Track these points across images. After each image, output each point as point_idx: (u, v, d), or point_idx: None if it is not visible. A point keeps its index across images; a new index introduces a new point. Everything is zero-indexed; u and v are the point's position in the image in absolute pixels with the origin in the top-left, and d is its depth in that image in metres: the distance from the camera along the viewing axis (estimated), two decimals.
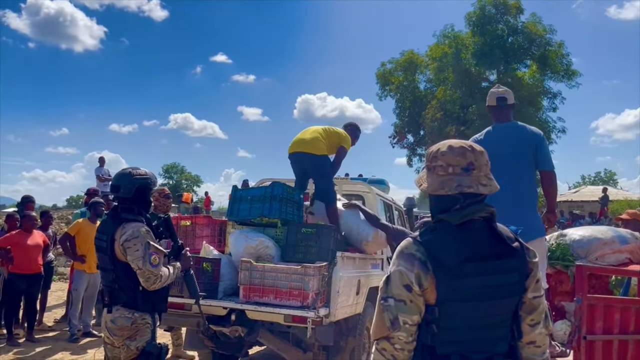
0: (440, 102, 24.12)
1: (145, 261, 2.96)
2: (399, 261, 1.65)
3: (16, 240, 6.56)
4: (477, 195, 1.69)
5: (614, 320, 2.84)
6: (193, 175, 59.60)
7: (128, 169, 3.24)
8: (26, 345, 6.47)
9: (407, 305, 1.60)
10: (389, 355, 1.62)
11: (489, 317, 1.65)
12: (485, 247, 1.65)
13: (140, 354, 3.04)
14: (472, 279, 1.61)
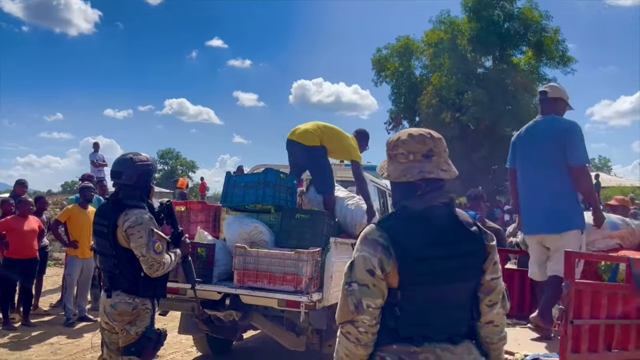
0: (435, 88, 24.08)
1: (149, 248, 2.97)
2: (363, 247, 1.70)
3: (12, 225, 6.58)
4: (438, 181, 1.76)
5: (601, 306, 2.89)
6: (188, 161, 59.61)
7: (129, 154, 3.21)
8: (22, 330, 6.52)
9: (371, 290, 1.65)
10: (353, 338, 1.67)
11: (449, 299, 1.72)
12: (446, 232, 1.72)
13: (139, 339, 3.07)
14: (433, 263, 1.67)
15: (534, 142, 3.74)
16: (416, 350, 1.66)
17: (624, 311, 2.99)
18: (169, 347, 6.03)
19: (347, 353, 1.70)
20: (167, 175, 53.69)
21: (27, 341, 6.07)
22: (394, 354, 1.67)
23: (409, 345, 1.67)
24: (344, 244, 4.86)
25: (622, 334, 3.00)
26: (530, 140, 3.78)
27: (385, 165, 1.83)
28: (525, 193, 3.79)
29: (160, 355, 5.69)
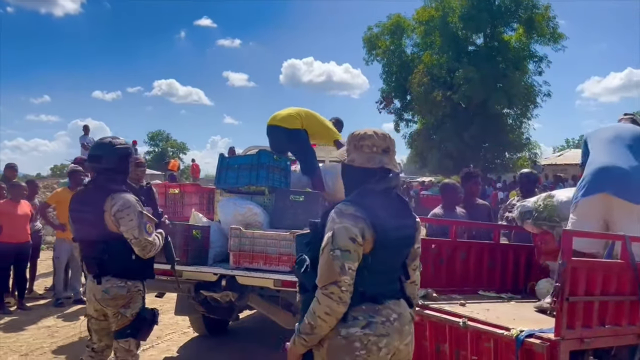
0: (427, 66, 24.01)
1: (141, 230, 3.00)
2: (342, 220, 1.99)
3: (4, 209, 6.54)
4: (388, 172, 2.13)
5: (596, 282, 2.93)
6: (179, 142, 59.20)
7: (107, 138, 3.21)
8: (18, 314, 6.52)
9: (351, 254, 1.96)
10: (336, 297, 1.94)
11: (396, 263, 2.15)
12: (398, 209, 2.15)
13: (134, 320, 3.10)
14: (394, 232, 2.05)
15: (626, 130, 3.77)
16: (379, 307, 2.04)
17: (618, 288, 3.03)
18: (165, 328, 6.07)
19: (329, 312, 1.95)
20: (158, 157, 53.35)
21: (23, 325, 6.08)
22: (364, 312, 2.01)
23: (373, 304, 2.03)
24: None
25: (615, 310, 3.04)
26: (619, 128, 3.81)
27: (344, 152, 2.18)
28: (617, 155, 3.60)
29: (158, 337, 5.72)
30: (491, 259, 4.36)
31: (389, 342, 2.02)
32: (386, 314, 2.03)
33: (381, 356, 2.01)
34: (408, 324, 2.12)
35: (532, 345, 2.78)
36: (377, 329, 2.00)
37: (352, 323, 1.99)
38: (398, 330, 2.05)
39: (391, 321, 2.03)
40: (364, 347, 1.98)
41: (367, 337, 1.98)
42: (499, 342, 2.99)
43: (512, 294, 4.24)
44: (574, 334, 2.79)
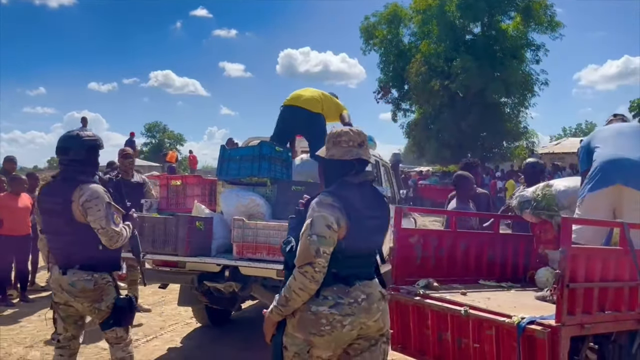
0: (424, 55, 23.93)
1: (108, 220, 3.03)
2: (321, 209, 2.25)
3: (5, 202, 6.56)
4: (365, 163, 2.43)
5: (596, 269, 2.98)
6: (176, 134, 58.97)
7: (75, 131, 3.24)
8: (20, 306, 6.57)
9: (327, 240, 2.22)
10: (310, 276, 2.21)
11: (370, 248, 2.42)
12: (372, 200, 2.41)
13: (112, 310, 3.14)
14: (367, 221, 2.33)
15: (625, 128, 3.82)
16: (349, 290, 2.29)
17: (617, 274, 3.08)
18: (168, 319, 6.13)
19: (302, 287, 2.22)
20: (155, 148, 53.16)
21: (26, 317, 6.12)
22: (333, 293, 2.27)
23: (344, 286, 2.29)
24: None
25: (614, 296, 3.10)
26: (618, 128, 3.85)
27: (325, 150, 2.44)
28: (623, 147, 3.63)
29: (161, 327, 5.78)
30: (491, 249, 4.41)
31: (353, 320, 2.28)
32: (355, 295, 2.29)
33: (344, 332, 2.28)
34: (377, 302, 2.35)
35: (533, 332, 2.83)
36: (343, 309, 2.26)
37: (322, 302, 2.26)
38: (365, 309, 2.31)
39: (359, 302, 2.29)
40: (329, 323, 2.25)
41: (332, 316, 2.25)
42: (500, 329, 3.05)
43: (511, 282, 4.30)
44: (574, 320, 2.85)
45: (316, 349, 2.28)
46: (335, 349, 2.30)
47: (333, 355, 2.32)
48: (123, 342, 3.23)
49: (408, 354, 3.92)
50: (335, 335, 2.26)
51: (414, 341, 3.72)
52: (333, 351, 2.30)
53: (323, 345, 2.27)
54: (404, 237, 3.98)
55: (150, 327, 5.78)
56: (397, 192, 7.71)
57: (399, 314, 3.80)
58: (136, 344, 5.19)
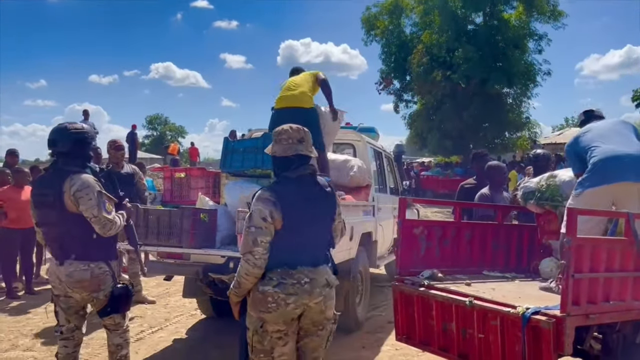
0: (426, 46, 23.78)
1: (100, 209, 3.06)
2: (258, 203, 2.56)
3: (9, 195, 6.58)
4: (306, 158, 2.67)
5: (601, 259, 2.99)
6: (177, 126, 58.95)
7: (64, 123, 3.28)
8: (26, 298, 6.61)
9: (263, 230, 2.52)
10: (252, 263, 2.53)
11: (314, 237, 2.66)
12: (311, 192, 2.65)
13: (110, 299, 3.18)
14: (305, 212, 2.59)
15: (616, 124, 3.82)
16: (293, 272, 2.57)
17: (621, 264, 3.09)
18: (173, 310, 6.16)
19: (247, 272, 2.56)
20: (157, 141, 53.19)
21: (32, 309, 6.16)
22: (277, 275, 2.56)
23: (288, 269, 2.56)
24: (345, 206, 4.93)
25: (619, 286, 3.10)
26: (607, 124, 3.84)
27: (270, 147, 2.70)
28: (620, 143, 3.65)
29: (166, 319, 5.81)
30: (495, 240, 4.42)
31: (296, 299, 2.56)
32: (298, 277, 2.57)
33: (289, 310, 2.56)
34: (320, 288, 2.62)
35: (538, 322, 2.85)
36: (286, 289, 2.55)
37: (267, 282, 2.57)
38: (308, 291, 2.58)
39: (302, 284, 2.56)
40: (274, 301, 2.55)
41: (277, 294, 2.55)
42: (505, 319, 3.06)
43: (515, 273, 4.31)
44: (579, 310, 2.86)
45: (268, 324, 2.58)
46: (284, 323, 2.59)
47: (287, 328, 2.60)
48: (121, 329, 3.30)
49: (412, 344, 3.94)
50: (281, 312, 2.55)
51: (418, 332, 3.74)
52: (282, 325, 2.59)
53: (272, 320, 2.57)
54: (408, 228, 3.99)
55: (155, 319, 5.81)
56: (400, 183, 7.72)
57: (404, 305, 3.81)
58: (141, 335, 5.24)
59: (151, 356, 4.68)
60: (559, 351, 2.81)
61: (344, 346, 4.86)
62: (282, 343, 2.60)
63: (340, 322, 5.15)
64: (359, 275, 5.33)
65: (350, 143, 6.50)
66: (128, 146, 19.15)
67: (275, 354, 2.61)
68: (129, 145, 19.21)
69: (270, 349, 2.60)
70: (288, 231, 2.55)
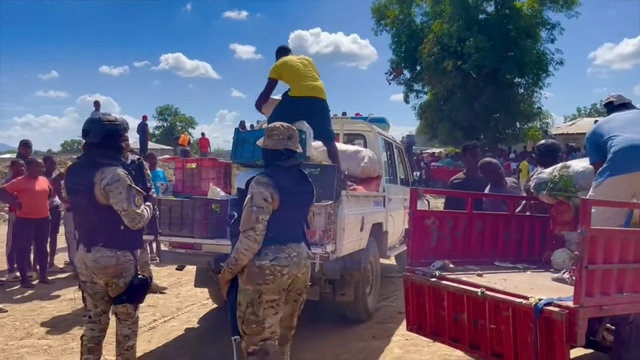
0: (437, 36, 23.59)
1: (130, 203, 3.14)
2: (258, 186, 2.90)
3: (23, 185, 6.64)
4: (293, 152, 3.07)
5: (615, 251, 2.96)
6: (187, 116, 59.12)
7: (98, 114, 3.36)
8: (40, 287, 6.70)
9: (264, 210, 2.87)
10: (252, 239, 2.85)
11: (298, 218, 3.07)
12: (299, 180, 3.08)
13: (128, 287, 3.26)
14: (296, 196, 3.00)
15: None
16: (284, 247, 2.94)
17: (636, 255, 3.06)
18: (185, 300, 6.22)
19: (247, 248, 2.86)
20: (167, 132, 53.40)
21: (46, 298, 6.24)
22: (272, 251, 2.91)
23: (279, 245, 2.93)
24: (355, 197, 4.93)
25: (633, 277, 3.08)
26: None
27: (262, 140, 3.10)
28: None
29: (178, 308, 5.87)
30: (507, 230, 4.40)
31: (289, 270, 2.93)
32: (288, 252, 2.95)
33: (283, 280, 2.93)
34: (304, 260, 3.03)
35: (551, 313, 2.83)
36: (281, 262, 2.91)
37: (263, 257, 2.89)
38: (297, 263, 2.97)
39: (291, 257, 2.94)
40: (271, 273, 2.89)
41: (274, 267, 2.89)
42: (517, 310, 3.05)
43: (527, 264, 4.29)
44: (592, 302, 2.84)
45: (265, 295, 2.89)
46: (278, 293, 2.94)
47: (279, 298, 2.95)
48: (130, 320, 3.36)
49: (423, 334, 3.95)
50: (277, 282, 2.91)
51: (429, 322, 3.74)
52: (277, 295, 2.94)
53: (270, 291, 2.90)
54: (419, 219, 3.98)
55: (168, 308, 5.87)
56: (410, 174, 7.70)
57: (415, 295, 3.82)
58: (154, 324, 5.29)
59: (163, 345, 4.73)
60: (572, 342, 2.80)
61: (354, 336, 4.88)
62: (273, 312, 2.94)
63: (351, 312, 5.23)
64: (370, 266, 5.33)
65: (360, 133, 6.48)
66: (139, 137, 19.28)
67: (266, 324, 2.92)
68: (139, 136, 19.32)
69: (262, 320, 2.91)
70: (282, 212, 2.92)
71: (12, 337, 4.88)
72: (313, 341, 4.70)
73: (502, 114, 24.30)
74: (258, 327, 2.90)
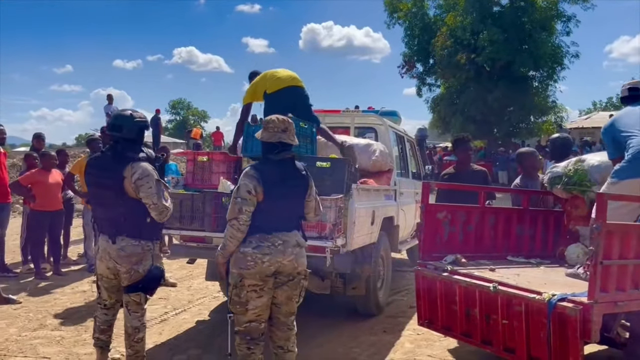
0: (450, 29, 23.35)
1: (159, 197, 3.29)
2: (244, 178, 3.06)
3: (37, 178, 6.70)
4: (288, 145, 3.14)
5: (630, 246, 2.91)
6: (200, 110, 59.33)
7: (128, 110, 3.51)
8: (54, 279, 6.75)
9: (248, 201, 3.02)
10: (236, 228, 3.03)
11: (288, 209, 3.15)
12: (289, 172, 3.14)
13: (146, 275, 3.38)
14: (282, 188, 3.07)
15: None
16: (268, 237, 3.06)
17: None
18: (196, 293, 6.24)
19: (232, 236, 3.05)
20: (179, 125, 53.65)
21: (59, 289, 6.30)
22: (256, 239, 3.05)
23: (264, 234, 3.06)
24: (366, 190, 4.90)
25: None
26: None
27: (260, 132, 3.17)
28: None
29: (189, 301, 5.89)
30: (520, 225, 4.35)
31: (271, 258, 3.04)
32: (273, 241, 3.06)
33: (264, 267, 3.04)
34: (292, 247, 3.11)
35: (564, 309, 2.80)
36: (262, 250, 3.04)
37: (247, 245, 3.05)
38: (281, 251, 3.07)
39: (275, 245, 3.06)
40: (252, 260, 3.03)
41: (255, 255, 3.04)
42: (530, 306, 3.02)
43: (540, 259, 4.24)
44: (607, 298, 2.80)
45: (246, 279, 3.05)
46: (260, 279, 3.05)
47: (263, 284, 3.06)
48: (140, 311, 3.44)
49: (434, 329, 3.93)
50: (258, 269, 3.03)
51: (441, 317, 3.72)
52: (259, 280, 3.05)
53: (250, 276, 3.04)
54: (431, 213, 3.95)
55: (179, 301, 5.89)
56: (422, 168, 7.64)
57: (426, 290, 3.79)
58: (165, 316, 5.32)
59: (175, 337, 4.75)
60: (586, 339, 2.77)
61: (365, 330, 4.87)
62: (257, 296, 3.07)
63: (361, 306, 5.21)
64: (381, 260, 5.30)
65: (372, 127, 6.43)
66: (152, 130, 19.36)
67: (249, 306, 3.08)
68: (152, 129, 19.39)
69: (245, 302, 3.07)
70: (267, 203, 3.04)
71: (25, 329, 4.93)
72: (324, 335, 4.69)
73: (516, 108, 24.03)
74: (241, 308, 3.09)
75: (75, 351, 4.36)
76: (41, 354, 4.32)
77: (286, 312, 3.21)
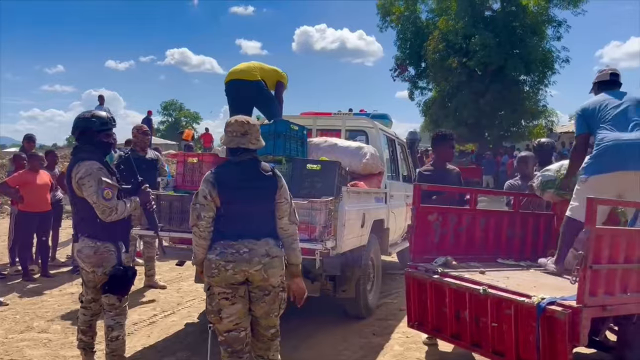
0: (442, 32, 23.48)
1: (98, 195, 3.25)
2: (203, 184, 2.94)
3: (25, 179, 6.63)
4: (249, 150, 2.97)
5: (620, 250, 2.92)
6: (192, 112, 59.13)
7: (88, 112, 3.53)
8: (42, 281, 6.68)
9: (205, 207, 2.90)
10: (198, 235, 2.94)
11: (254, 213, 2.95)
12: (250, 174, 2.97)
13: (108, 278, 3.38)
14: (241, 191, 2.92)
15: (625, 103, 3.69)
16: (233, 243, 2.89)
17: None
18: (185, 295, 6.20)
19: (196, 243, 2.97)
20: (171, 127, 53.47)
21: (47, 291, 6.23)
22: (220, 246, 2.91)
23: (229, 240, 2.90)
24: (356, 193, 4.89)
25: (638, 278, 3.04)
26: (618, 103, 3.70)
27: (222, 136, 3.08)
28: (626, 126, 3.58)
29: (178, 303, 5.85)
30: (510, 228, 4.36)
31: (234, 266, 2.87)
32: (237, 248, 2.89)
33: (228, 275, 2.89)
34: (259, 257, 2.90)
35: (553, 313, 2.80)
36: (226, 257, 2.88)
37: (212, 251, 2.92)
38: (246, 260, 2.88)
39: (240, 253, 2.88)
40: (216, 267, 2.89)
41: (218, 262, 2.89)
42: (519, 309, 3.02)
43: (530, 262, 4.25)
44: (596, 301, 2.80)
45: (214, 287, 2.94)
46: (226, 287, 2.90)
47: (232, 291, 2.90)
48: (114, 311, 3.43)
49: (424, 331, 3.93)
50: (222, 276, 2.89)
51: (431, 319, 3.72)
52: (226, 288, 2.90)
53: (217, 283, 2.92)
54: (422, 215, 3.94)
55: (168, 303, 5.85)
56: (413, 171, 7.65)
57: (417, 292, 3.79)
58: (154, 319, 5.27)
59: (163, 339, 4.71)
60: (574, 342, 2.77)
61: (354, 332, 4.85)
62: (229, 303, 2.92)
63: (351, 309, 5.20)
64: (371, 262, 5.29)
65: (363, 130, 6.43)
66: None
67: (223, 314, 2.93)
68: None
69: (217, 310, 2.93)
70: (225, 208, 2.91)
71: (12, 331, 4.86)
72: (313, 337, 4.67)
73: (508, 112, 24.19)
74: (215, 317, 2.96)
75: (62, 354, 4.31)
76: (27, 356, 4.27)
77: (266, 325, 3.01)
